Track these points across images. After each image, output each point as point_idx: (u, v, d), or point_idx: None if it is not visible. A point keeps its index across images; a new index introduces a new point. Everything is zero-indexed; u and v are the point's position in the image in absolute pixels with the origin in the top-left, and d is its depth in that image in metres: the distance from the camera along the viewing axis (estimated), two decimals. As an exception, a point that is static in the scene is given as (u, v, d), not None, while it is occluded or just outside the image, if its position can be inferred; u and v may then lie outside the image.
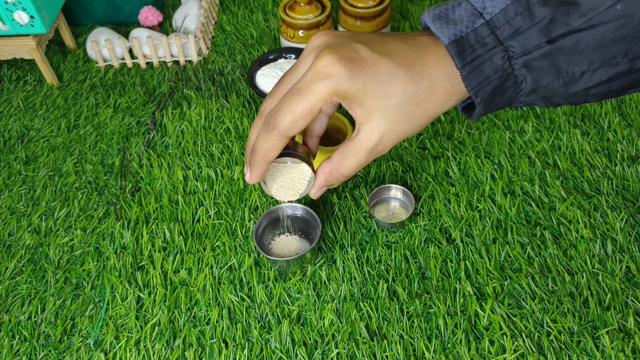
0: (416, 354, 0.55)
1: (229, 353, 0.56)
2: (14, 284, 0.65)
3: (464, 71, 0.38)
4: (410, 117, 0.40)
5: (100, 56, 0.93)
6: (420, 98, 0.40)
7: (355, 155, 0.43)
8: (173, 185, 0.73)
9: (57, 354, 0.58)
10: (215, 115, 0.83)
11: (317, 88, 0.39)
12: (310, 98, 0.40)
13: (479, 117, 0.42)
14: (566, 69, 0.37)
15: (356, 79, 0.39)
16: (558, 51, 0.36)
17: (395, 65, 0.39)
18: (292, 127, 0.41)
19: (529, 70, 0.37)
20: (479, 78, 0.38)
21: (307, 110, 0.40)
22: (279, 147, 0.43)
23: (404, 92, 0.39)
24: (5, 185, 0.76)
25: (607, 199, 0.68)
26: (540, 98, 0.39)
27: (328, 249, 0.65)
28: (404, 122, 0.41)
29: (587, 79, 0.37)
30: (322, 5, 0.86)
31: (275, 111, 0.41)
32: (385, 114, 0.40)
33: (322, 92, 0.39)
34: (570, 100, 0.40)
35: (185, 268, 0.64)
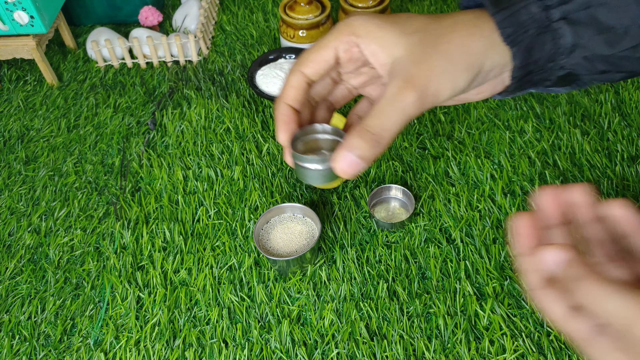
0: (416, 354, 0.55)
1: (229, 353, 0.56)
2: (14, 284, 0.65)
3: (498, 16, 0.36)
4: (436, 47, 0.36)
5: (100, 56, 0.93)
6: (444, 30, 0.37)
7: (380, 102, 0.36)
8: (173, 185, 0.73)
9: (57, 354, 0.58)
10: (215, 115, 0.83)
11: (334, 28, 0.39)
12: (327, 37, 0.39)
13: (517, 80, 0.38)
14: (607, 23, 0.34)
15: (372, 19, 0.38)
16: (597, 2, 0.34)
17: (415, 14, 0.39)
18: (307, 60, 0.39)
19: (568, 23, 0.35)
20: (515, 25, 0.36)
21: (323, 45, 0.39)
22: (295, 83, 0.40)
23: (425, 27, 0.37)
24: (5, 185, 0.76)
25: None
26: (582, 61, 0.36)
27: (328, 249, 0.65)
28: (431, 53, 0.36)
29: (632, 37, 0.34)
30: (322, 5, 0.86)
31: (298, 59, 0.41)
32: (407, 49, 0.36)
33: (339, 30, 0.38)
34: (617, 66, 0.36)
35: (185, 268, 0.64)
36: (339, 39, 0.38)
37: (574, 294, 0.31)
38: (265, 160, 0.75)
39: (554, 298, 0.34)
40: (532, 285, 0.35)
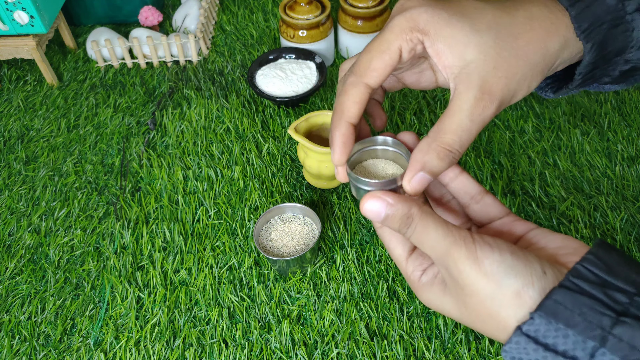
0: (416, 354, 0.55)
1: (229, 353, 0.56)
2: (14, 284, 0.65)
3: (574, 10, 0.33)
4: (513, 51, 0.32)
5: (100, 56, 0.93)
6: (519, 28, 0.33)
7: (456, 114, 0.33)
8: (173, 185, 0.73)
9: (57, 354, 0.58)
10: (215, 115, 0.83)
11: (394, 22, 0.34)
12: (387, 34, 0.34)
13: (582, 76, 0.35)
14: None
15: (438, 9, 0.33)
16: None
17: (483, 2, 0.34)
18: (367, 69, 0.35)
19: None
20: (590, 18, 0.33)
21: (385, 47, 0.34)
22: (357, 97, 0.36)
23: (498, 22, 0.33)
24: (5, 185, 0.76)
25: (607, 199, 0.68)
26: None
27: (328, 249, 0.65)
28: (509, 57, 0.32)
29: None
30: (322, 5, 0.86)
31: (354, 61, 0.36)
32: (481, 50, 0.32)
33: (400, 25, 0.33)
34: None
35: (185, 268, 0.64)
36: (402, 38, 0.33)
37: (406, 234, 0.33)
38: (265, 160, 0.75)
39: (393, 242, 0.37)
40: (376, 225, 0.38)
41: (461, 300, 0.32)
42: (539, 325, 0.28)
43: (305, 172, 0.72)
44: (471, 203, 0.39)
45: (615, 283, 0.29)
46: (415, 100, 0.83)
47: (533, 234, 0.35)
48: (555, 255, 0.33)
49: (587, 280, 0.29)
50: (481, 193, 0.38)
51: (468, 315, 0.33)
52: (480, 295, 0.31)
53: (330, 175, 0.67)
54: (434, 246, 0.32)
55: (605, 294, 0.28)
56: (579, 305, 0.28)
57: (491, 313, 0.31)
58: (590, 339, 0.27)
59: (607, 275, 0.29)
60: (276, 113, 0.82)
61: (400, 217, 0.33)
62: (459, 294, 0.32)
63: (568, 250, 0.33)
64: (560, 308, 0.28)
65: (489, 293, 0.30)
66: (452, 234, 0.32)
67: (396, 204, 0.33)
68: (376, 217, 0.34)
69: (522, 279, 0.30)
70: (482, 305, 0.31)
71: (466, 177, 0.38)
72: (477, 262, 0.30)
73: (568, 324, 0.28)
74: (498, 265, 0.30)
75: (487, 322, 0.32)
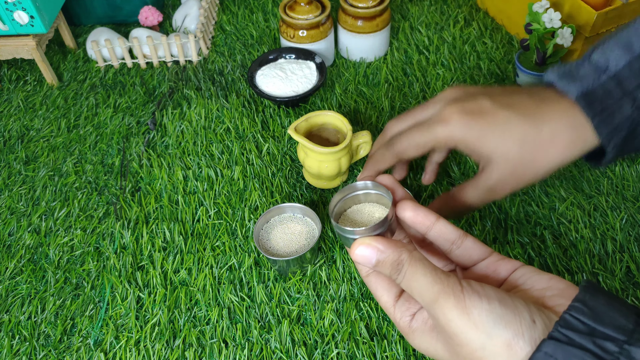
0: (416, 354, 0.55)
1: (229, 353, 0.56)
2: (14, 284, 0.65)
3: (595, 120, 0.39)
4: (531, 162, 0.41)
5: (100, 56, 0.93)
6: (542, 144, 0.41)
7: (474, 189, 0.45)
8: (173, 185, 0.73)
9: (57, 354, 0.58)
10: (215, 115, 0.83)
11: (436, 129, 0.44)
12: (427, 135, 0.45)
13: (608, 164, 0.43)
14: None
15: (472, 128, 0.42)
16: None
17: (515, 115, 0.42)
18: (404, 151, 0.48)
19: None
20: (610, 127, 0.39)
21: (422, 143, 0.46)
22: (389, 161, 0.50)
23: (524, 137, 0.41)
24: (5, 185, 0.76)
25: (607, 199, 0.68)
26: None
27: (328, 249, 0.65)
28: (525, 167, 0.42)
29: None
30: (322, 5, 0.86)
31: (398, 136, 0.49)
32: (505, 159, 0.42)
33: (438, 134, 0.44)
34: None
35: (185, 268, 0.64)
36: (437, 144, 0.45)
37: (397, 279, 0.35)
38: (265, 160, 0.75)
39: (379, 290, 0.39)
40: (362, 273, 0.40)
41: (452, 348, 0.32)
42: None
43: (305, 172, 0.72)
44: (452, 248, 0.39)
45: (603, 331, 0.28)
46: (416, 100, 0.83)
47: (519, 274, 0.36)
48: (542, 297, 0.33)
49: (575, 330, 0.29)
50: (461, 237, 0.39)
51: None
52: (470, 346, 0.31)
53: (330, 175, 0.67)
54: (422, 293, 0.33)
55: (594, 344, 0.28)
56: (570, 357, 0.28)
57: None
58: None
59: (595, 323, 0.29)
60: (276, 113, 0.82)
61: (390, 262, 0.34)
62: (449, 342, 0.32)
63: (554, 291, 0.33)
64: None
65: (479, 344, 0.30)
66: (441, 281, 0.32)
67: (386, 250, 0.35)
68: (367, 262, 0.36)
69: (512, 330, 0.30)
70: (473, 355, 0.31)
71: (443, 223, 0.39)
72: (465, 312, 0.30)
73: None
74: (487, 315, 0.30)
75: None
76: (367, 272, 0.40)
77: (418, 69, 0.88)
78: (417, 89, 0.85)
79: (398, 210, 0.39)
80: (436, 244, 0.40)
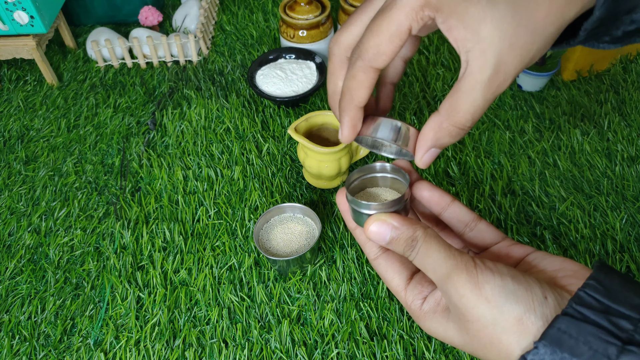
0: (416, 354, 0.55)
1: (229, 353, 0.56)
2: (14, 284, 0.65)
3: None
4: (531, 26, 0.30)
5: (100, 56, 0.93)
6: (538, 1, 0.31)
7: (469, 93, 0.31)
8: (173, 185, 0.73)
9: (57, 354, 0.58)
10: (215, 115, 0.83)
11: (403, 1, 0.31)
12: (396, 13, 0.31)
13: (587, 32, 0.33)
14: None
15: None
16: None
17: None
18: (377, 54, 0.33)
19: None
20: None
21: (394, 29, 0.31)
22: (366, 82, 0.34)
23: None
24: (5, 185, 0.76)
25: (607, 199, 0.68)
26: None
27: (328, 249, 0.65)
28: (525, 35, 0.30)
29: None
30: (322, 5, 0.86)
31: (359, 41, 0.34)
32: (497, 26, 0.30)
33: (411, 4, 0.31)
34: None
35: (185, 268, 0.64)
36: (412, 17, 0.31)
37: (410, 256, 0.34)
38: (265, 160, 0.75)
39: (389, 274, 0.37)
40: (370, 256, 0.38)
41: (463, 326, 0.32)
42: (544, 354, 0.28)
43: (305, 172, 0.72)
44: (465, 231, 0.39)
45: (618, 309, 0.28)
46: (415, 100, 0.83)
47: (532, 257, 0.35)
48: (555, 277, 0.32)
49: (590, 307, 0.28)
50: (475, 220, 0.38)
51: (470, 342, 0.32)
52: (481, 321, 0.30)
53: (330, 175, 0.67)
54: (435, 269, 0.32)
55: (609, 322, 0.28)
56: (584, 334, 0.28)
57: (492, 340, 0.30)
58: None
59: (610, 300, 0.29)
60: (276, 113, 0.82)
61: (405, 239, 0.33)
62: (461, 320, 0.32)
63: (567, 272, 0.32)
64: (565, 337, 0.28)
65: (491, 319, 0.30)
66: (455, 257, 0.32)
67: (401, 226, 0.34)
68: (381, 240, 0.34)
69: (524, 305, 0.29)
70: (484, 332, 0.30)
71: (458, 205, 0.38)
72: (477, 287, 0.30)
73: (573, 353, 0.27)
74: (499, 291, 0.30)
75: (489, 349, 0.31)
76: (375, 255, 0.38)
77: (418, 69, 0.88)
78: (417, 89, 0.85)
79: (415, 189, 0.38)
80: (450, 225, 0.39)
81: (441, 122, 0.33)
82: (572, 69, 0.83)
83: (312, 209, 0.64)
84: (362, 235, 0.39)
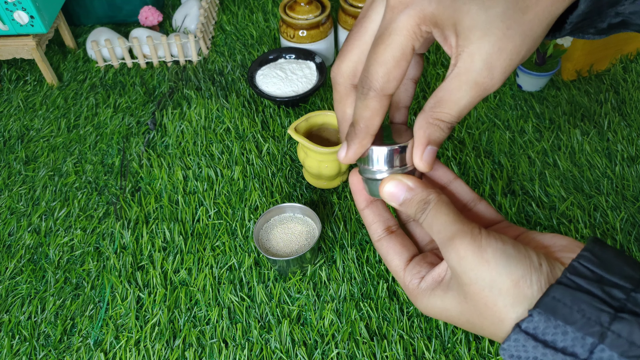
0: (416, 354, 0.55)
1: (229, 353, 0.56)
2: (14, 284, 0.65)
3: None
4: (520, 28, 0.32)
5: (100, 56, 0.93)
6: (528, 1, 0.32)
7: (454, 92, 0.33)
8: (173, 185, 0.73)
9: (57, 354, 0.58)
10: (215, 115, 0.83)
11: (400, 24, 0.32)
12: (396, 38, 0.33)
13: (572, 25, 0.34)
14: None
15: None
16: None
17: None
18: (388, 81, 0.34)
19: None
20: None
21: (399, 54, 0.33)
22: (380, 110, 0.36)
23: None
24: (5, 185, 0.76)
25: (607, 199, 0.68)
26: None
27: (328, 249, 0.65)
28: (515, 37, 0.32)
29: None
30: (322, 5, 0.86)
31: (365, 70, 0.35)
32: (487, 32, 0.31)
33: (408, 25, 0.32)
34: None
35: (185, 268, 0.64)
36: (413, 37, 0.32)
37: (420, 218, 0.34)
38: (265, 160, 0.75)
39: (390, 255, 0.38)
40: (374, 237, 0.39)
41: (460, 291, 0.33)
42: (538, 322, 0.29)
43: (305, 172, 0.72)
44: (464, 210, 0.39)
45: (611, 279, 0.29)
46: (415, 100, 0.83)
47: (524, 236, 0.36)
48: (548, 252, 0.33)
49: (584, 277, 0.29)
50: (475, 200, 0.39)
51: (467, 310, 0.33)
52: (479, 283, 0.31)
53: (330, 175, 0.67)
54: (440, 230, 0.33)
55: (602, 291, 0.29)
56: (577, 302, 0.28)
57: (488, 303, 0.31)
58: (589, 335, 0.28)
59: (603, 271, 0.29)
60: (276, 113, 0.82)
61: (418, 201, 0.34)
62: (458, 284, 0.33)
63: (558, 247, 0.33)
64: (559, 305, 0.29)
65: (488, 281, 0.31)
66: (462, 222, 0.32)
67: (416, 188, 0.35)
68: (395, 200, 0.36)
69: (521, 270, 0.30)
70: (480, 295, 0.31)
71: (460, 183, 0.39)
72: (480, 250, 0.31)
73: (567, 321, 0.28)
74: (500, 254, 0.30)
75: (484, 314, 0.32)
76: (379, 236, 0.39)
77: (418, 69, 0.88)
78: (417, 88, 0.85)
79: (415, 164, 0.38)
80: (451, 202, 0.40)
81: (427, 119, 0.34)
82: (572, 69, 0.83)
83: (312, 209, 0.64)
84: (369, 216, 0.39)
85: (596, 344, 0.27)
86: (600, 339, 0.27)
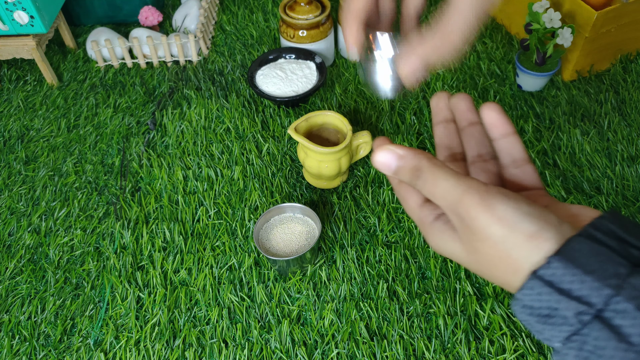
0: (416, 354, 0.55)
1: (229, 353, 0.56)
2: (14, 284, 0.65)
3: None
4: None
5: (100, 56, 0.93)
6: None
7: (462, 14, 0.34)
8: (173, 185, 0.73)
9: (57, 354, 0.58)
10: (215, 115, 0.83)
11: None
12: None
13: None
14: None
15: None
16: None
17: None
18: None
19: None
20: None
21: None
22: None
23: None
24: (5, 185, 0.76)
25: (607, 199, 0.68)
26: None
27: (328, 249, 0.65)
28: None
29: None
30: (322, 5, 0.86)
31: None
32: None
33: None
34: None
35: (185, 268, 0.64)
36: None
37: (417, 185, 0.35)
38: (265, 160, 0.75)
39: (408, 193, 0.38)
40: (393, 183, 0.39)
41: (472, 246, 0.33)
42: (556, 269, 0.29)
43: (305, 172, 0.72)
44: (510, 166, 0.39)
45: (630, 240, 0.29)
46: (415, 100, 0.83)
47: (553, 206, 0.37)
48: (574, 221, 0.33)
49: (605, 233, 0.30)
50: (524, 160, 0.39)
51: (477, 261, 0.33)
52: (492, 239, 0.31)
53: (330, 175, 0.67)
54: (444, 196, 0.33)
55: (621, 247, 0.29)
56: (597, 254, 0.28)
57: (501, 255, 0.31)
58: (606, 287, 0.28)
59: (623, 232, 0.30)
60: (276, 113, 0.82)
61: (410, 168, 0.35)
62: (471, 240, 0.32)
63: (584, 217, 0.33)
64: (578, 255, 0.29)
65: (501, 236, 0.30)
66: (465, 182, 0.32)
67: (406, 155, 0.35)
68: (387, 169, 0.36)
69: (537, 225, 0.30)
70: (494, 249, 0.31)
71: (516, 139, 0.39)
72: (490, 208, 0.31)
73: (585, 270, 0.28)
74: (513, 211, 0.30)
75: (497, 265, 0.32)
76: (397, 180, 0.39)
77: (418, 69, 0.88)
78: (417, 89, 0.85)
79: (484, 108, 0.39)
80: (499, 154, 0.40)
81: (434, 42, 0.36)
82: (572, 69, 0.83)
83: (312, 209, 0.64)
84: None
85: (612, 295, 0.27)
86: (616, 290, 0.27)
